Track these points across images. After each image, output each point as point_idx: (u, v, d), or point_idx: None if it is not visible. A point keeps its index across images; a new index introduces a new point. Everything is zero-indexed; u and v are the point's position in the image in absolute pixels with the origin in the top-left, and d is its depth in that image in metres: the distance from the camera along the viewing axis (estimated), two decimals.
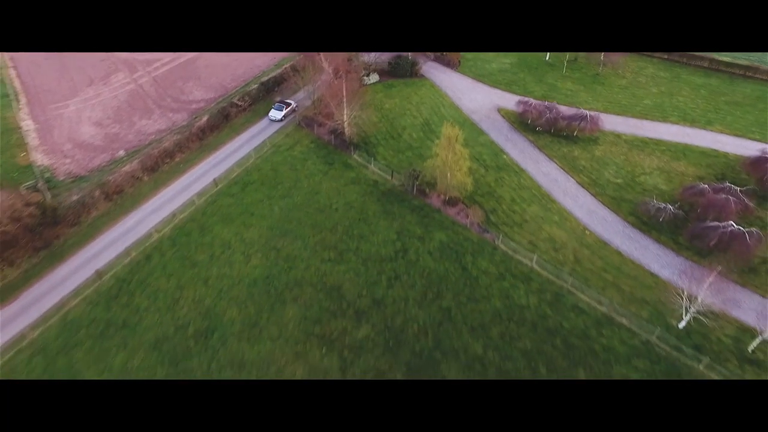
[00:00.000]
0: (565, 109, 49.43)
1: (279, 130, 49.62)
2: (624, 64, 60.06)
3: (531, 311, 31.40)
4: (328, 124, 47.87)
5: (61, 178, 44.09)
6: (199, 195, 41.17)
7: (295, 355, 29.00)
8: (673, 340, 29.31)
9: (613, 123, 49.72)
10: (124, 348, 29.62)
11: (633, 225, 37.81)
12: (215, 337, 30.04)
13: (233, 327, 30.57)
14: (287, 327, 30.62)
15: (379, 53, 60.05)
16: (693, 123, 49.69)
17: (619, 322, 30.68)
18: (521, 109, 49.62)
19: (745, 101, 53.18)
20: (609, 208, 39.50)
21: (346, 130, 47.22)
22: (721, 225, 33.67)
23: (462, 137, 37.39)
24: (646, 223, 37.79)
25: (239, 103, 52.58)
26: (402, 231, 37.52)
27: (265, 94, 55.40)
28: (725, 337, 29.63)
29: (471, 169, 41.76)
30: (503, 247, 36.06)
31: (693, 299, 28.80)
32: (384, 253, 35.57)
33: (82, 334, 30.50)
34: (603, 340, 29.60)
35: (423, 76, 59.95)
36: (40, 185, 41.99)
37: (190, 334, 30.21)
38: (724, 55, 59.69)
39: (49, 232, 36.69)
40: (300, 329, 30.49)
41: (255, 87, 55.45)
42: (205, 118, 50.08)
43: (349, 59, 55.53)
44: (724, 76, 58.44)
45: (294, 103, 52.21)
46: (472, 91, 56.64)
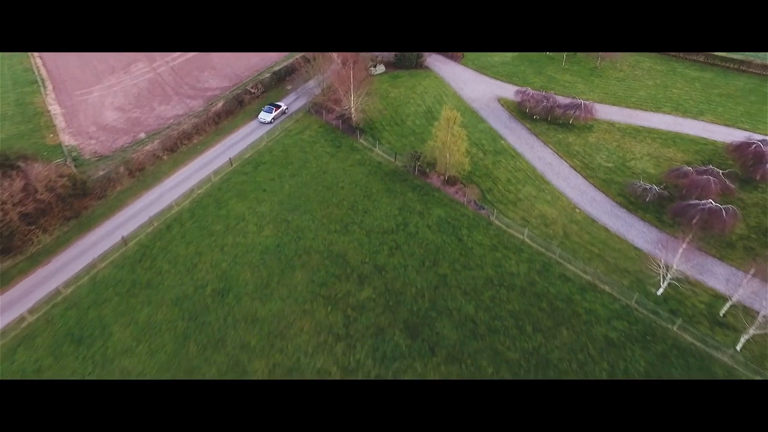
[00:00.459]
0: (561, 98, 51.86)
1: (289, 116, 52.58)
2: (622, 58, 62.28)
3: (520, 278, 34.00)
4: (337, 110, 50.78)
5: (87, 157, 47.39)
6: (215, 173, 44.22)
7: (303, 312, 31.89)
8: (651, 305, 31.77)
9: (608, 113, 52.05)
10: (149, 304, 32.69)
11: (621, 204, 40.25)
12: (231, 295, 33.00)
13: (247, 287, 33.53)
14: (296, 288, 33.51)
15: None
16: (685, 113, 51.86)
17: (602, 288, 33.20)
18: (520, 98, 52.13)
19: (738, 93, 55.20)
20: (599, 190, 41.94)
21: (353, 116, 50.07)
22: (701, 203, 36.03)
23: (460, 119, 39.97)
24: (633, 203, 40.21)
25: (253, 91, 55.63)
26: (403, 207, 40.26)
27: (276, 82, 58.48)
28: (699, 303, 32.06)
29: (470, 153, 44.62)
30: (497, 222, 38.66)
31: (669, 268, 31.28)
32: (386, 226, 38.34)
33: (110, 292, 33.62)
34: (586, 304, 32.15)
35: (427, 68, 62.65)
36: (68, 163, 45.28)
37: (207, 293, 33.22)
38: None
39: (78, 203, 39.91)
40: (308, 291, 33.36)
41: (267, 76, 58.54)
42: (220, 104, 53.21)
43: None
44: (718, 69, 60.49)
45: (284, 105, 52.89)
46: (474, 82, 59.21)
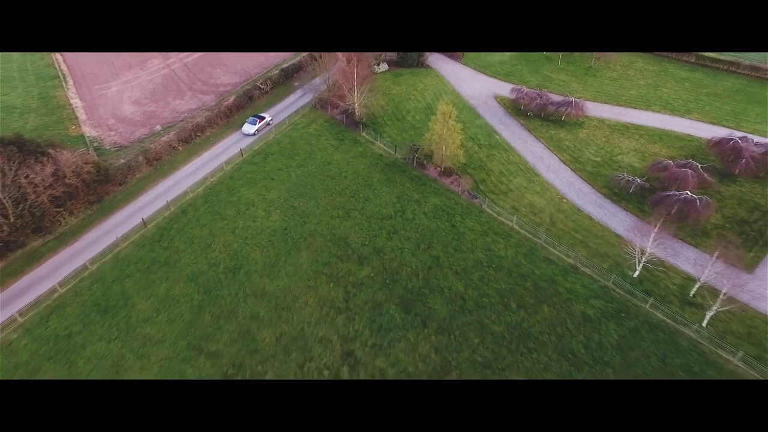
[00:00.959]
0: (554, 96, 54.50)
1: (297, 111, 55.65)
2: (616, 59, 64.73)
3: (508, 261, 36.85)
4: (341, 105, 53.78)
5: (107, 147, 50.72)
6: (226, 163, 47.38)
7: (307, 287, 34.93)
8: (627, 286, 34.51)
9: (599, 110, 54.65)
10: (167, 279, 35.86)
11: (605, 195, 42.95)
12: (242, 272, 36.11)
13: (256, 266, 36.62)
14: (301, 267, 36.55)
15: None
16: (673, 111, 54.36)
17: (582, 271, 35.98)
18: (515, 96, 54.85)
19: (725, 93, 57.57)
20: (586, 182, 44.64)
21: (357, 111, 53.04)
22: (678, 194, 38.66)
23: (455, 114, 42.82)
24: (617, 194, 42.89)
25: (262, 87, 58.74)
26: (401, 195, 43.20)
27: (284, 79, 61.52)
28: (672, 284, 34.77)
29: (466, 146, 47.46)
30: (489, 210, 41.50)
31: (644, 252, 34.00)
32: (385, 213, 41.30)
33: (131, 269, 36.84)
34: (567, 284, 34.95)
35: (429, 67, 65.48)
36: (90, 152, 48.58)
37: (220, 270, 36.35)
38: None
39: (101, 189, 43.22)
40: (312, 269, 36.40)
41: (276, 73, 61.64)
42: (231, 99, 56.38)
43: None
44: (708, 70, 62.79)
45: (269, 117, 53.26)
46: (473, 80, 61.98)
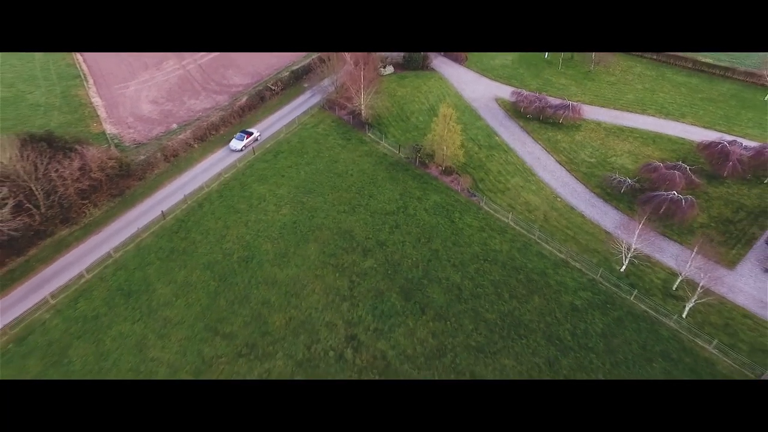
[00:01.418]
0: (552, 99, 56.74)
1: (306, 111, 58.32)
2: (615, 63, 66.74)
3: (502, 255, 39.27)
4: (348, 106, 56.37)
5: (127, 144, 53.68)
6: (239, 160, 50.15)
7: (315, 276, 37.58)
8: (613, 279, 36.81)
9: (596, 113, 56.82)
10: (185, 267, 38.66)
11: (598, 195, 45.21)
12: (254, 262, 38.83)
13: (268, 256, 39.32)
14: (309, 258, 39.19)
15: None
16: (668, 115, 56.40)
17: (573, 265, 38.32)
18: (515, 99, 57.16)
19: (719, 98, 59.49)
20: (580, 182, 46.91)
21: (363, 112, 55.61)
22: (666, 193, 40.85)
23: (455, 116, 45.27)
24: (609, 193, 45.13)
25: (273, 88, 61.48)
26: (404, 193, 45.72)
27: (295, 80, 64.20)
28: (656, 278, 37.04)
29: (467, 147, 49.90)
30: (486, 207, 43.92)
31: (630, 248, 36.28)
32: (388, 209, 43.84)
33: (152, 257, 39.69)
34: (557, 277, 37.31)
35: (433, 70, 67.87)
36: (112, 148, 51.52)
37: (234, 260, 39.09)
38: (707, 56, 65.83)
39: (123, 183, 46.13)
40: (319, 260, 39.03)
41: (286, 74, 64.36)
42: (244, 99, 59.17)
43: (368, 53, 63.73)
44: (704, 75, 64.65)
45: (257, 133, 53.05)
46: (475, 83, 64.32)
